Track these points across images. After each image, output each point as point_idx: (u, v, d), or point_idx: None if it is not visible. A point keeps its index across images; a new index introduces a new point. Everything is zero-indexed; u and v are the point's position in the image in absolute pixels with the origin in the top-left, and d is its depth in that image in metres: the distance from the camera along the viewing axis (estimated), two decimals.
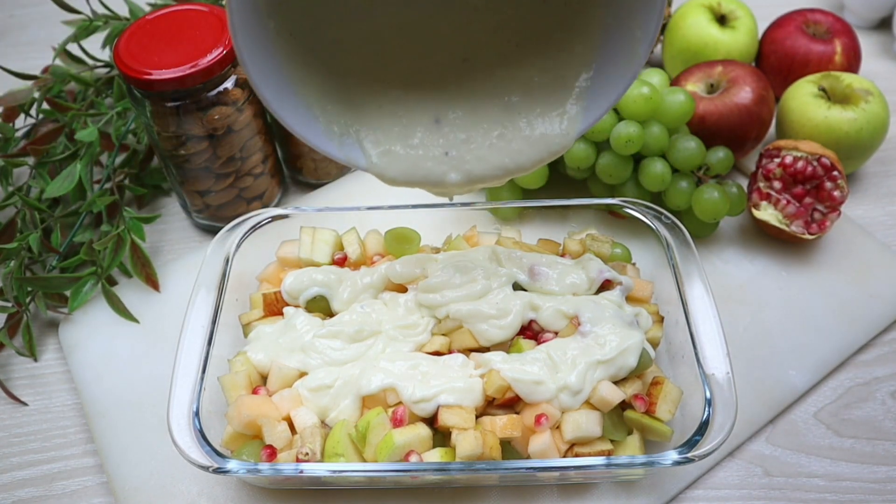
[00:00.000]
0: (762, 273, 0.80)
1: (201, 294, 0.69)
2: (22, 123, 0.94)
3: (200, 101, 0.75)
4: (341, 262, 0.75)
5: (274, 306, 0.72)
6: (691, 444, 0.58)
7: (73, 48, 0.99)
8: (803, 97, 0.84)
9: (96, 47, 0.98)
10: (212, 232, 0.87)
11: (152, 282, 0.80)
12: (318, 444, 0.60)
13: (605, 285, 0.70)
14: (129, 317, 0.78)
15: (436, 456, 0.60)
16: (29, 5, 1.27)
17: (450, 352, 0.66)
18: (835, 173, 0.77)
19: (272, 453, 0.60)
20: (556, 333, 0.66)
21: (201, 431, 0.60)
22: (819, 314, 0.76)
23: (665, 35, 0.99)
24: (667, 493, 0.65)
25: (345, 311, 0.69)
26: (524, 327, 0.67)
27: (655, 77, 0.83)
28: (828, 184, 0.77)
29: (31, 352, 0.78)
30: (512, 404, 0.63)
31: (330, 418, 0.63)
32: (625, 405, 0.63)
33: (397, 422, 0.61)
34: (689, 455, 0.57)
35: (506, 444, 0.61)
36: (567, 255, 0.74)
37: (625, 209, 0.75)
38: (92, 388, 0.73)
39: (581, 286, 0.69)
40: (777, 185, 0.79)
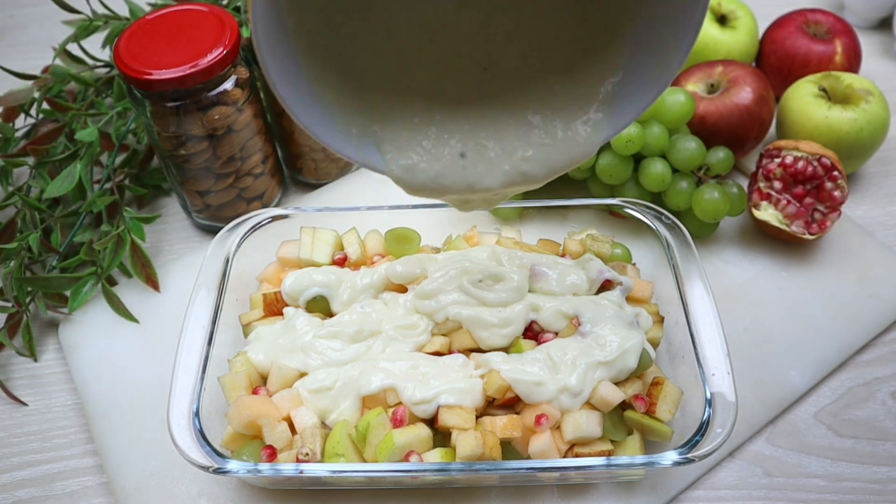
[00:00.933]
0: (762, 273, 0.80)
1: (201, 294, 0.69)
2: (22, 123, 0.93)
3: (200, 101, 0.75)
4: (341, 262, 0.75)
5: (274, 306, 0.72)
6: (691, 444, 0.58)
7: (73, 48, 0.99)
8: (803, 97, 0.84)
9: (96, 47, 0.98)
10: (212, 232, 0.87)
11: (152, 282, 0.80)
12: (318, 445, 0.60)
13: (606, 285, 0.70)
14: (129, 317, 0.78)
15: (436, 456, 0.60)
16: (29, 5, 1.27)
17: (450, 352, 0.66)
18: (835, 173, 0.77)
19: (272, 454, 0.60)
20: (557, 334, 0.66)
21: (201, 431, 0.60)
22: (819, 314, 0.76)
23: None
24: (667, 494, 0.65)
25: (345, 311, 0.69)
26: (524, 327, 0.67)
27: None
28: (828, 184, 0.77)
29: (31, 352, 0.78)
30: (512, 405, 0.63)
31: (330, 419, 0.63)
32: (625, 405, 0.63)
33: (397, 422, 0.61)
34: (690, 455, 0.57)
35: (506, 445, 0.61)
36: (567, 255, 0.74)
37: (625, 209, 0.75)
38: (92, 388, 0.73)
39: (581, 286, 0.69)
40: (777, 185, 0.79)
